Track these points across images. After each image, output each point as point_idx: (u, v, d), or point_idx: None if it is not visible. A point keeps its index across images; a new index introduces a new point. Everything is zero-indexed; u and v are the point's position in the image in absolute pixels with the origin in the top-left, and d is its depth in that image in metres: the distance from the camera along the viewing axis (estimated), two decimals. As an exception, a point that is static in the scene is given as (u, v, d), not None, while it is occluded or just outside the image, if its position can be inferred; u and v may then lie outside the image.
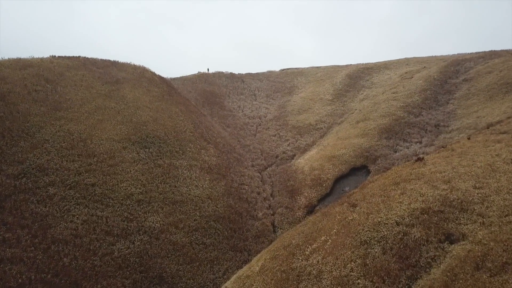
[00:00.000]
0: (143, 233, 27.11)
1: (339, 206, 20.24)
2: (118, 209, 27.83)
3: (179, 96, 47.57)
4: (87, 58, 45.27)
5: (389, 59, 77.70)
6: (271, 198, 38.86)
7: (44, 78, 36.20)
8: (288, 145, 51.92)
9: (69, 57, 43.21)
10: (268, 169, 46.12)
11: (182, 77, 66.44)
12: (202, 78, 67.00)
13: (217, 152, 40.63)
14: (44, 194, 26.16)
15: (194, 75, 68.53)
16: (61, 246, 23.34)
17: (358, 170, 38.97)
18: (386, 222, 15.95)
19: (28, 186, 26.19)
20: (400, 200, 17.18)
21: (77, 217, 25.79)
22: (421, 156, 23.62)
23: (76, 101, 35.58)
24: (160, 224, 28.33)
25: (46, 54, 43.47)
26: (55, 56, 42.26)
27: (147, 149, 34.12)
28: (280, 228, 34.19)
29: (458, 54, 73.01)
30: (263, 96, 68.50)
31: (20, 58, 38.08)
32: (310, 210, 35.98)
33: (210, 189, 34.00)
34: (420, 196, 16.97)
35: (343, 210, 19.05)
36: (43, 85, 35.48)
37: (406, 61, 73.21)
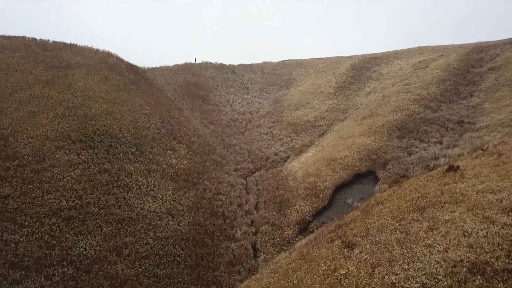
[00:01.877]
0: (68, 264, 20.32)
1: (328, 244, 13.40)
2: (37, 231, 21.06)
3: (149, 87, 40.81)
4: (35, 39, 38.64)
5: (399, 49, 70.56)
6: (255, 212, 31.97)
7: (-34, 60, 29.64)
8: (282, 145, 45.04)
9: (8, 37, 36.59)
10: (255, 174, 39.25)
11: (163, 67, 59.73)
12: (186, 69, 60.22)
13: (189, 153, 33.81)
14: None
15: (177, 65, 61.77)
16: None
17: (364, 176, 32.03)
18: (406, 286, 9.07)
19: None
20: (429, 242, 10.27)
21: (-28, 244, 19.11)
22: (454, 164, 16.75)
23: (5, 89, 28.92)
24: (95, 251, 21.52)
25: None
26: None
27: (91, 150, 27.36)
28: (263, 252, 27.30)
29: (477, 42, 65.65)
30: (256, 90, 61.63)
31: None
32: (303, 228, 29.13)
33: (172, 202, 27.18)
34: (465, 236, 10.08)
35: (332, 254, 12.19)
36: (-36, 69, 28.89)
37: (419, 50, 65.98)
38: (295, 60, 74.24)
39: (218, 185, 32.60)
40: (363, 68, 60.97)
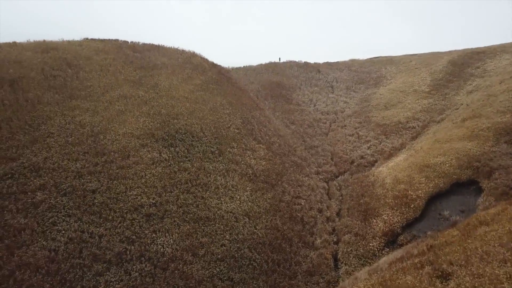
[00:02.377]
0: (146, 261, 20.63)
1: (416, 270, 11.33)
2: (118, 226, 21.78)
3: (231, 86, 40.91)
4: (126, 41, 41.01)
5: (507, 42, 62.26)
6: (337, 219, 29.99)
7: (66, 62, 32.19)
8: (369, 147, 42.13)
9: (103, 40, 39.27)
10: (338, 178, 37.11)
11: (247, 66, 60.05)
12: (269, 68, 59.80)
13: (269, 154, 32.97)
14: (28, 201, 21.14)
15: (261, 64, 61.66)
16: (27, 274, 17.84)
17: (464, 186, 28.20)
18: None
19: (12, 189, 21.40)
20: None
21: (63, 234, 20.24)
22: None
23: (97, 89, 30.84)
24: (172, 249, 21.62)
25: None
26: (88, 38, 38.62)
27: (173, 148, 27.85)
28: (345, 264, 25.32)
29: None
30: (342, 88, 58.96)
31: (45, 41, 34.83)
32: (391, 240, 26.49)
33: (250, 203, 26.51)
34: None
35: (421, 285, 10.13)
36: (64, 70, 31.40)
37: (537, 42, 57.44)
38: (385, 57, 69.77)
39: (297, 188, 31.25)
40: (464, 64, 54.84)
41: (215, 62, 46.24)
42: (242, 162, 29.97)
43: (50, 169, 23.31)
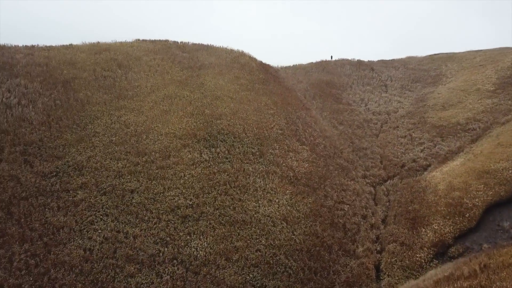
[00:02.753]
0: (178, 264, 20.67)
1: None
2: (154, 226, 22.04)
3: (278, 86, 40.23)
4: (176, 42, 41.75)
5: None
6: (382, 227, 28.34)
7: (117, 63, 33.35)
8: (422, 150, 39.51)
9: (153, 41, 40.25)
10: (387, 182, 35.14)
11: (296, 65, 58.96)
12: (320, 67, 58.28)
13: (312, 156, 31.92)
14: (69, 199, 22.05)
15: (311, 63, 60.27)
16: (61, 272, 18.51)
17: (529, 197, 25.45)
18: None
19: (55, 187, 22.43)
20: None
21: (99, 233, 20.84)
22: None
23: (144, 89, 31.60)
24: (205, 253, 21.48)
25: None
26: (139, 39, 39.76)
27: (213, 149, 27.79)
28: (388, 275, 23.80)
29: None
30: (396, 87, 56.02)
31: (99, 42, 36.37)
32: (440, 252, 24.59)
33: (289, 207, 25.75)
34: None
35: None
36: (114, 71, 32.56)
37: None
38: (445, 53, 65.32)
39: (341, 193, 29.94)
40: (537, 60, 49.75)
41: (263, 61, 45.83)
42: (283, 164, 29.24)
43: (92, 168, 24.17)
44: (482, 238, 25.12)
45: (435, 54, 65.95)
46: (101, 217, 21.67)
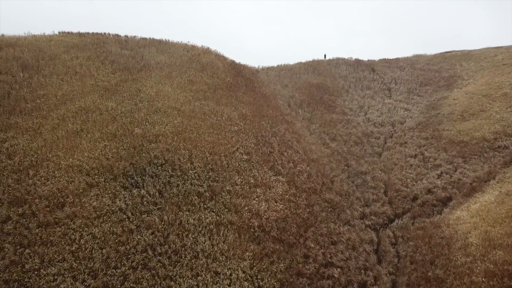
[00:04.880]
0: None
1: None
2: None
3: (251, 92, 31.45)
4: (117, 35, 32.94)
5: None
6: (389, 304, 19.49)
7: (20, 63, 24.53)
8: (439, 176, 30.74)
9: (83, 34, 31.44)
10: (394, 223, 26.36)
11: (281, 65, 50.07)
12: (310, 67, 49.42)
13: (290, 191, 23.09)
14: None
15: (299, 63, 51.41)
16: None
17: None
18: None
19: None
20: None
21: None
22: None
23: (52, 99, 22.77)
24: None
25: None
26: (64, 32, 30.94)
27: (137, 190, 18.93)
28: None
29: None
30: (402, 91, 47.24)
31: (3, 35, 27.49)
32: None
33: (246, 283, 16.88)
34: None
35: None
36: (14, 74, 23.74)
37: None
38: (460, 51, 56.58)
39: (329, 248, 21.08)
40: None
41: (238, 61, 37.05)
42: (246, 208, 20.39)
43: None
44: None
45: (447, 52, 57.28)
46: None
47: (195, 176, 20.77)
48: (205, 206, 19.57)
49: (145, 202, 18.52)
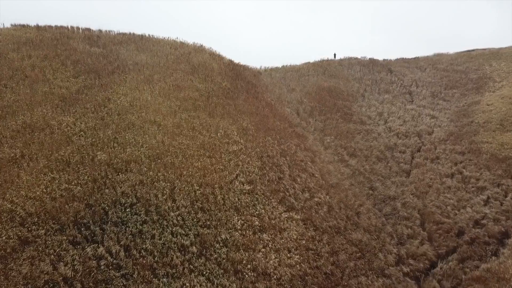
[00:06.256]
0: None
1: None
2: None
3: (253, 99, 25.78)
4: (88, 29, 27.26)
5: None
6: None
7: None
8: (486, 202, 25.16)
9: (42, 28, 25.68)
10: (438, 267, 20.70)
11: (287, 66, 44.30)
12: (320, 68, 43.70)
13: (308, 233, 17.43)
14: None
15: (307, 63, 45.68)
16: None
17: None
18: None
19: None
20: None
21: None
22: None
23: (-15, 114, 17.08)
24: None
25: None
26: (18, 25, 25.25)
27: (94, 246, 13.22)
28: None
29: None
30: (425, 95, 41.53)
31: None
32: None
33: None
34: None
35: None
36: None
37: None
38: (485, 49, 50.92)
39: (364, 319, 15.41)
40: None
41: (238, 61, 31.34)
42: (248, 266, 14.72)
43: None
44: None
45: (471, 50, 51.57)
46: None
47: (177, 221, 15.09)
48: (192, 267, 13.88)
49: (103, 266, 12.83)
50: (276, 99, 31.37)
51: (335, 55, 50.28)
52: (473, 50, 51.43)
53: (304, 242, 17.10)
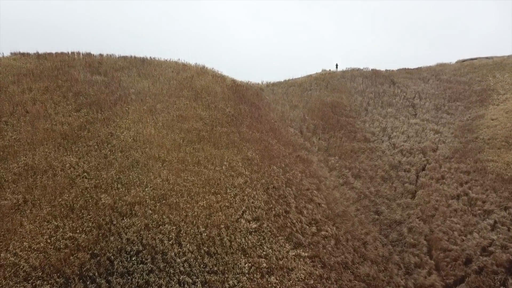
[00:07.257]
0: None
1: None
2: None
3: (257, 124, 25.52)
4: (90, 54, 26.92)
5: None
6: None
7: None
8: (493, 227, 24.95)
9: (42, 55, 25.28)
10: (446, 300, 20.50)
11: (289, 80, 43.94)
12: (322, 82, 43.42)
13: (316, 272, 17.21)
14: None
15: (309, 76, 45.38)
16: None
17: None
18: None
19: None
20: None
21: None
22: None
23: (-15, 156, 16.81)
24: None
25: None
26: (17, 53, 24.92)
27: (96, 306, 13.07)
28: None
29: None
30: (429, 109, 41.27)
31: None
32: None
33: None
34: None
35: None
36: None
37: None
38: (488, 58, 50.63)
39: None
40: None
41: (237, 80, 31.02)
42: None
43: None
44: None
45: (474, 59, 51.27)
46: None
47: (184, 268, 14.86)
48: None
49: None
50: (279, 119, 31.11)
51: (337, 65, 50.02)
52: (475, 59, 51.15)
53: (312, 282, 16.88)
